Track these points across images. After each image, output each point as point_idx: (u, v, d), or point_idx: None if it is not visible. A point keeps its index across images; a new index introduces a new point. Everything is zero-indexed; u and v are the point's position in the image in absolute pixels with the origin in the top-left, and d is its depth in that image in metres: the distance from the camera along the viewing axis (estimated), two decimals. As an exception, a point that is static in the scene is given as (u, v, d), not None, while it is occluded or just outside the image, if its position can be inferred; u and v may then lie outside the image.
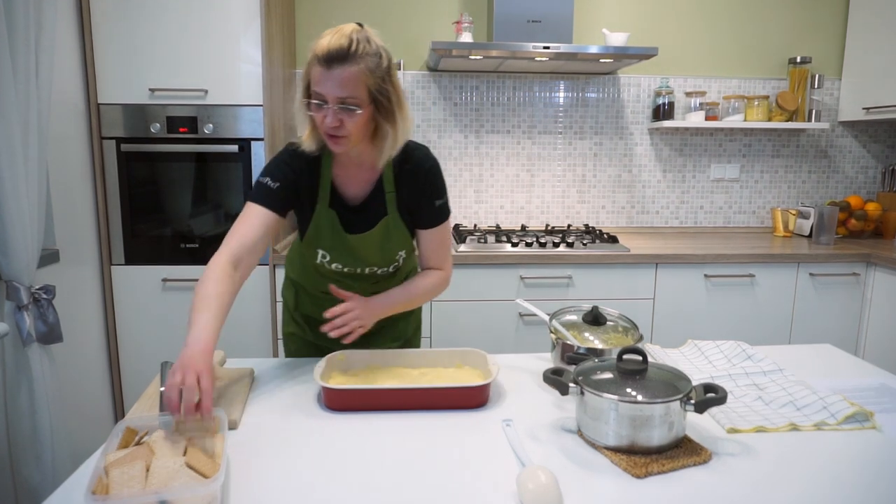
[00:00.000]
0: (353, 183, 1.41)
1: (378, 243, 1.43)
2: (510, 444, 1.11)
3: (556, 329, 1.45)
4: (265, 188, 1.34)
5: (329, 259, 1.44)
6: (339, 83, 1.22)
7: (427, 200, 1.44)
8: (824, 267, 2.63)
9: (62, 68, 2.17)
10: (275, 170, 1.36)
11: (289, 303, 1.64)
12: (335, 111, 1.24)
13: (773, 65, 3.11)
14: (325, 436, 1.14)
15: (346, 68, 1.22)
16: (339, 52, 1.21)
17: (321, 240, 1.42)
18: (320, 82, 1.23)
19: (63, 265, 2.15)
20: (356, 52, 1.23)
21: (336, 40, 1.22)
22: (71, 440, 2.01)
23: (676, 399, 1.07)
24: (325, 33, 1.26)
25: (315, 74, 1.24)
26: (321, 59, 1.22)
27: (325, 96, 1.24)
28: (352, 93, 1.23)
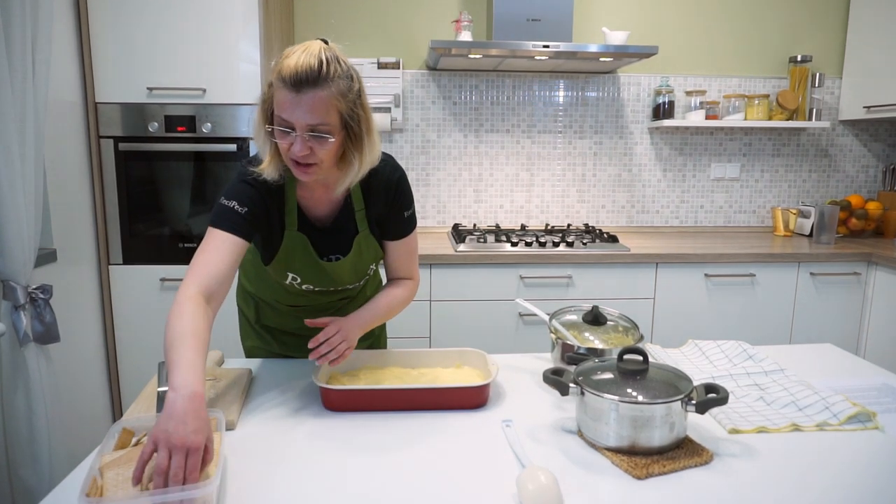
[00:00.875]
0: (319, 204, 1.32)
1: (351, 264, 1.36)
2: (510, 445, 1.10)
3: (556, 329, 1.44)
4: (232, 213, 1.19)
5: (300, 281, 1.36)
6: (309, 109, 1.09)
7: (396, 213, 1.36)
8: (825, 266, 2.62)
9: (59, 66, 2.16)
10: (240, 194, 1.21)
11: (249, 316, 1.57)
12: (304, 139, 1.12)
13: (773, 63, 3.10)
14: (324, 436, 1.13)
15: (316, 92, 1.09)
16: (309, 75, 1.08)
17: (292, 264, 1.33)
18: (288, 108, 1.10)
19: (60, 265, 2.14)
20: (327, 74, 1.10)
21: (305, 60, 1.08)
22: (68, 441, 2.00)
23: (677, 399, 1.06)
24: (288, 52, 1.12)
25: (281, 99, 1.10)
26: (288, 81, 1.08)
27: (293, 123, 1.11)
28: (323, 119, 1.11)
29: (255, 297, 1.54)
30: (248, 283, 1.56)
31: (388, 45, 2.93)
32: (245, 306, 1.59)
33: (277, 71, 1.11)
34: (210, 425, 0.92)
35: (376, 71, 2.86)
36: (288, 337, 1.56)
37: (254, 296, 1.54)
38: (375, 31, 2.92)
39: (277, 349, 1.56)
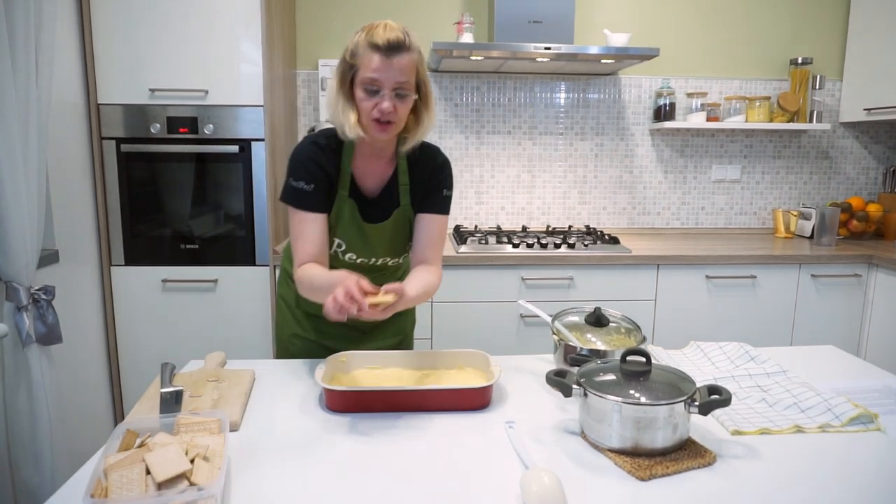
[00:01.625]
0: (370, 175, 1.46)
1: (391, 233, 1.48)
2: (513, 446, 1.10)
3: (558, 330, 1.44)
4: (305, 193, 1.38)
5: (344, 248, 1.46)
6: (398, 69, 1.30)
7: (436, 189, 1.49)
8: (826, 268, 2.62)
9: (62, 68, 2.17)
10: (304, 172, 1.39)
11: (289, 300, 1.63)
12: (391, 97, 1.31)
13: (774, 66, 3.11)
14: (327, 437, 1.13)
15: (403, 56, 1.30)
16: (398, 42, 1.30)
17: (339, 228, 1.44)
18: (380, 69, 1.29)
19: (62, 266, 2.14)
20: (410, 43, 1.33)
21: (392, 32, 1.30)
22: (70, 442, 2.00)
23: (680, 401, 1.06)
24: (370, 27, 1.32)
25: (372, 62, 1.29)
26: (382, 47, 1.28)
27: (383, 83, 1.30)
28: (407, 78, 1.32)
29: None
30: (291, 266, 1.60)
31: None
32: (286, 291, 1.64)
33: (367, 41, 1.30)
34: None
35: (378, 72, 2.86)
36: (323, 323, 1.58)
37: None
38: (377, 33, 2.92)
39: (314, 336, 1.60)
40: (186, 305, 2.45)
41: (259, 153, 2.40)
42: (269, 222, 2.44)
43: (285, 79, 2.69)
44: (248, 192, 2.42)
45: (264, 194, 2.42)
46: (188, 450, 0.94)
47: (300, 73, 2.93)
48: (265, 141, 2.39)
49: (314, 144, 1.41)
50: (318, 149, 1.40)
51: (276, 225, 2.50)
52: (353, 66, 1.32)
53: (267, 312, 2.48)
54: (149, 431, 1.01)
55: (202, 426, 1.03)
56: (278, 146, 2.56)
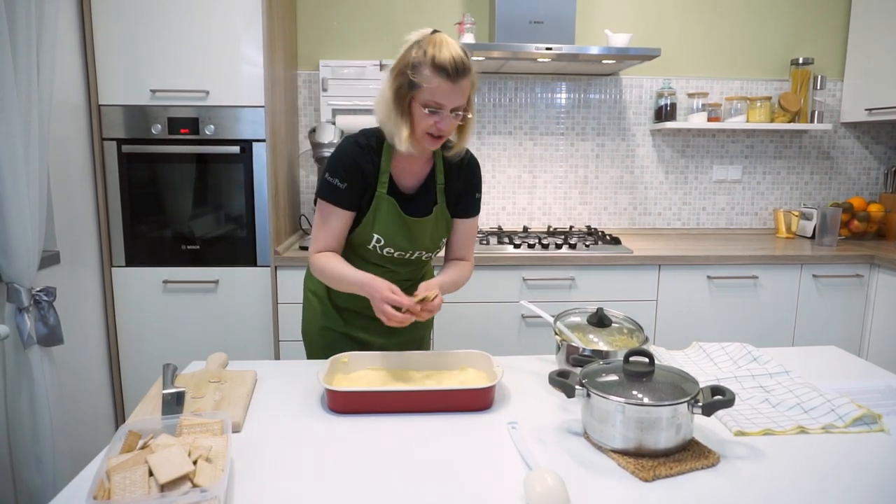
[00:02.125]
0: (408, 174, 1.51)
1: (432, 227, 1.54)
2: (516, 447, 1.10)
3: (560, 331, 1.44)
4: (338, 190, 1.44)
5: (383, 243, 1.50)
6: (460, 94, 1.35)
7: (469, 192, 1.58)
8: (827, 268, 2.62)
9: (63, 69, 2.17)
10: (342, 170, 1.44)
11: (320, 293, 1.64)
12: (451, 118, 1.37)
13: (775, 66, 3.11)
14: (329, 439, 1.13)
15: (465, 80, 1.35)
16: (463, 66, 1.33)
17: (379, 223, 1.49)
18: (446, 95, 1.34)
19: (64, 267, 2.14)
20: (470, 64, 1.35)
21: (456, 52, 1.32)
22: (72, 443, 2.00)
23: (684, 402, 1.06)
24: (432, 43, 1.33)
25: (439, 87, 1.33)
26: (449, 71, 1.31)
27: (445, 106, 1.35)
28: (465, 100, 1.38)
29: None
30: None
31: (391, 47, 2.93)
32: (317, 286, 1.64)
33: (431, 62, 1.32)
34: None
35: (378, 73, 2.86)
36: (353, 315, 1.61)
37: None
38: (378, 34, 2.93)
39: (343, 328, 1.62)
40: (187, 306, 2.45)
41: (260, 154, 2.40)
42: (270, 223, 2.43)
43: (286, 79, 2.69)
44: (249, 193, 2.42)
45: (265, 195, 2.42)
46: (191, 451, 0.93)
47: (301, 73, 2.93)
48: (266, 141, 2.39)
49: (355, 144, 1.45)
50: (358, 148, 1.44)
51: (277, 225, 2.50)
52: (414, 84, 1.34)
53: (268, 313, 2.48)
54: (151, 433, 1.01)
55: (205, 427, 1.03)
56: (279, 147, 2.56)
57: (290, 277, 2.42)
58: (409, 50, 1.36)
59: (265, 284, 2.46)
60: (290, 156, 2.77)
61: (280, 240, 2.57)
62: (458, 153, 1.51)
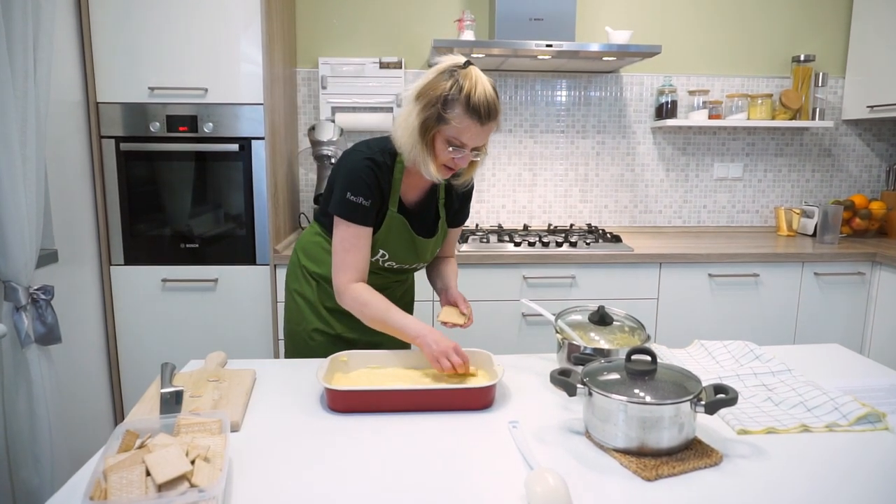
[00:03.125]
0: (412, 189, 1.52)
1: (434, 245, 1.58)
2: (517, 446, 1.09)
3: (561, 329, 1.43)
4: (362, 208, 1.42)
5: (388, 258, 1.52)
6: (486, 136, 1.37)
7: (464, 202, 1.62)
8: (829, 266, 2.61)
9: (61, 66, 2.15)
10: (366, 189, 1.41)
11: (308, 296, 1.62)
12: (470, 155, 1.38)
13: (776, 63, 3.09)
14: (329, 438, 1.12)
15: (493, 123, 1.36)
16: (494, 109, 1.33)
17: (388, 242, 1.49)
18: (473, 136, 1.34)
19: (62, 265, 2.13)
20: (499, 107, 1.36)
21: (490, 94, 1.32)
22: (70, 442, 1.99)
23: (686, 400, 1.05)
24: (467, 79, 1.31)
25: (469, 128, 1.32)
26: (482, 116, 1.31)
27: (468, 145, 1.36)
28: (487, 140, 1.40)
29: (319, 277, 1.61)
30: (312, 265, 1.62)
31: (390, 44, 2.92)
32: (305, 289, 1.63)
33: (465, 100, 1.30)
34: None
35: (378, 71, 2.85)
36: (344, 317, 1.58)
37: (318, 277, 1.61)
38: (377, 31, 2.91)
39: (338, 330, 1.60)
40: (186, 305, 2.44)
41: (259, 152, 2.38)
42: (269, 221, 2.42)
43: (285, 77, 2.68)
44: (249, 191, 2.40)
45: (264, 193, 2.41)
46: (189, 451, 0.92)
47: (300, 71, 2.92)
48: (265, 139, 2.37)
49: (373, 162, 1.42)
50: (376, 167, 1.42)
51: (276, 224, 2.49)
52: (444, 119, 1.33)
53: (268, 312, 2.47)
54: (149, 432, 1.00)
55: (203, 427, 1.02)
56: (278, 145, 2.55)
57: (289, 276, 2.41)
58: (440, 79, 1.32)
59: (264, 283, 2.45)
60: (289, 154, 2.76)
61: (279, 238, 2.55)
62: (465, 184, 1.53)
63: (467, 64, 1.34)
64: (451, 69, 1.33)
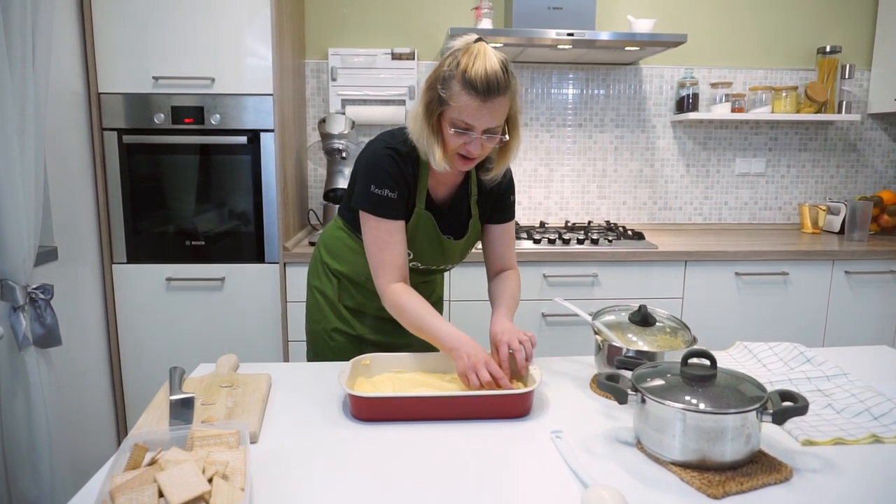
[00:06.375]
0: (443, 186, 1.40)
1: (464, 245, 1.45)
2: (564, 459, 0.99)
3: (600, 330, 1.33)
4: (390, 201, 1.30)
5: (412, 257, 1.40)
6: (492, 115, 1.20)
7: (504, 196, 1.46)
8: (860, 265, 2.51)
9: (61, 55, 2.06)
10: (390, 180, 1.30)
11: (329, 294, 1.53)
12: (481, 140, 1.23)
13: (800, 55, 2.99)
14: (354, 450, 1.02)
15: (500, 99, 1.19)
16: (499, 83, 1.18)
17: (413, 242, 1.38)
18: (474, 114, 1.19)
19: (62, 263, 2.03)
20: (508, 81, 1.20)
21: (491, 68, 1.17)
22: (70, 451, 1.89)
23: (753, 409, 0.95)
24: (468, 54, 1.19)
25: (468, 105, 1.19)
26: (480, 89, 1.17)
27: (476, 127, 1.21)
28: (499, 122, 1.23)
29: (340, 275, 1.52)
30: (335, 262, 1.52)
31: (403, 35, 2.82)
32: (326, 286, 1.54)
33: (461, 75, 1.17)
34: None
35: (390, 62, 2.75)
36: (366, 318, 1.53)
37: (340, 274, 1.52)
38: (390, 21, 2.81)
39: (356, 330, 1.52)
40: (192, 305, 2.34)
41: (268, 144, 2.28)
42: (278, 217, 2.32)
43: (294, 68, 2.58)
44: (257, 186, 2.30)
45: (273, 187, 2.31)
46: (205, 468, 0.83)
47: (309, 62, 2.82)
48: (275, 131, 2.28)
49: (395, 152, 1.31)
50: (399, 157, 1.31)
51: (285, 220, 2.39)
52: (444, 100, 1.21)
53: (277, 312, 2.37)
54: (160, 446, 0.90)
55: (219, 439, 0.92)
56: (288, 137, 2.45)
57: (299, 274, 2.31)
58: (444, 60, 1.23)
59: (273, 282, 2.35)
60: (298, 147, 2.66)
61: (289, 235, 2.45)
62: (496, 178, 1.37)
63: (478, 41, 1.23)
64: (457, 48, 1.23)
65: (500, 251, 1.49)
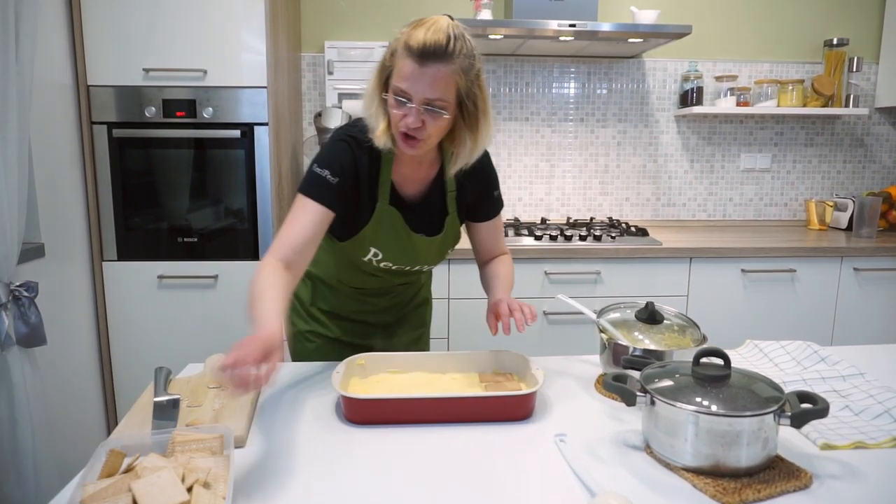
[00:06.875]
0: (412, 181, 1.31)
1: (439, 244, 1.35)
2: (569, 465, 0.94)
3: (605, 328, 1.27)
4: (323, 182, 1.20)
5: (381, 257, 1.32)
6: (430, 83, 1.11)
7: (486, 193, 1.38)
8: (869, 261, 2.45)
9: (48, 45, 2.00)
10: (335, 162, 1.21)
11: (303, 297, 1.48)
12: (419, 111, 1.13)
13: (807, 47, 2.93)
14: (347, 454, 0.96)
15: (440, 67, 1.10)
16: (437, 48, 1.09)
17: (378, 239, 1.29)
18: (409, 79, 1.11)
19: (48, 261, 1.97)
20: (453, 50, 1.11)
21: (433, 35, 1.09)
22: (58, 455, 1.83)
23: (771, 411, 0.89)
24: (416, 24, 1.13)
25: (404, 69, 1.11)
26: (415, 52, 1.09)
27: (412, 95, 1.12)
28: (441, 94, 1.12)
29: (314, 277, 1.47)
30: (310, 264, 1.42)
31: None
32: (300, 288, 1.49)
33: (404, 41, 1.11)
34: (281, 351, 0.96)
35: (387, 55, 2.69)
36: (343, 321, 1.47)
37: (314, 276, 1.47)
38: (387, 13, 2.75)
39: (333, 333, 1.47)
40: (184, 303, 2.28)
41: (262, 138, 2.22)
42: (273, 213, 2.26)
43: (290, 61, 2.52)
44: (251, 181, 2.24)
45: (268, 183, 2.24)
46: (185, 475, 0.77)
47: (305, 55, 2.76)
48: (269, 125, 2.21)
49: (353, 140, 1.23)
50: (355, 145, 1.22)
51: (280, 216, 2.33)
52: (388, 67, 1.15)
53: (271, 311, 2.31)
54: (138, 451, 0.84)
55: (202, 444, 0.87)
56: (283, 131, 2.39)
57: (294, 272, 2.25)
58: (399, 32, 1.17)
59: (268, 280, 2.29)
60: (294, 142, 2.60)
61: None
62: (464, 167, 1.24)
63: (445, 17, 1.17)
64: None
65: (489, 245, 1.44)
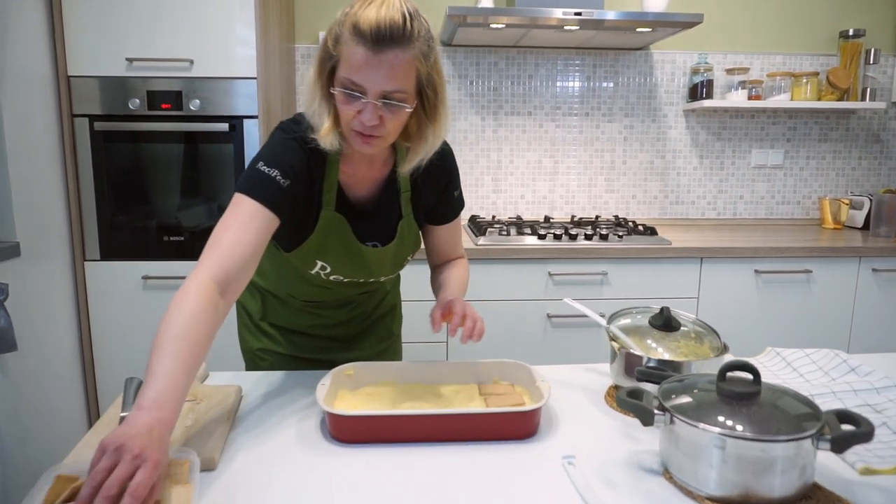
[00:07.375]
0: (362, 183, 1.16)
1: (393, 254, 1.21)
2: (577, 491, 0.84)
3: (616, 336, 1.17)
4: (272, 183, 1.01)
5: (329, 271, 1.18)
6: (388, 73, 0.94)
7: (445, 194, 1.23)
8: (889, 262, 2.34)
9: (25, 33, 1.90)
10: (285, 163, 1.03)
11: (252, 312, 1.36)
12: (376, 106, 0.96)
13: (821, 39, 2.82)
14: (332, 478, 0.87)
15: (398, 53, 0.93)
16: (394, 31, 0.92)
17: (325, 251, 1.15)
18: (364, 70, 0.94)
19: (24, 261, 1.87)
20: (412, 32, 0.94)
21: (387, 13, 0.92)
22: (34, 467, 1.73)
23: (809, 435, 0.79)
24: (361, 2, 0.95)
25: (355, 58, 0.94)
26: (369, 37, 0.92)
27: (366, 88, 0.95)
28: (401, 85, 0.96)
29: (263, 290, 1.35)
30: (256, 276, 1.33)
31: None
32: (249, 303, 1.37)
33: (351, 24, 0.93)
34: (165, 462, 0.74)
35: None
36: (298, 337, 1.35)
37: (262, 289, 1.35)
38: (384, 3, 2.64)
39: (288, 350, 1.34)
40: (171, 305, 2.17)
41: (252, 132, 2.12)
42: (263, 211, 2.16)
43: (282, 52, 2.42)
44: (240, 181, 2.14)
45: (258, 179, 2.14)
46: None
47: (299, 47, 2.65)
48: (259, 118, 2.12)
49: (301, 143, 1.05)
50: (302, 148, 1.06)
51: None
52: (333, 56, 0.97)
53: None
54: (88, 480, 0.74)
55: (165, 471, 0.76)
56: (274, 124, 2.27)
57: (286, 272, 2.15)
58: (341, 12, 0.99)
59: (259, 280, 2.19)
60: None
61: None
62: (418, 165, 1.10)
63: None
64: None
65: (445, 250, 1.30)
